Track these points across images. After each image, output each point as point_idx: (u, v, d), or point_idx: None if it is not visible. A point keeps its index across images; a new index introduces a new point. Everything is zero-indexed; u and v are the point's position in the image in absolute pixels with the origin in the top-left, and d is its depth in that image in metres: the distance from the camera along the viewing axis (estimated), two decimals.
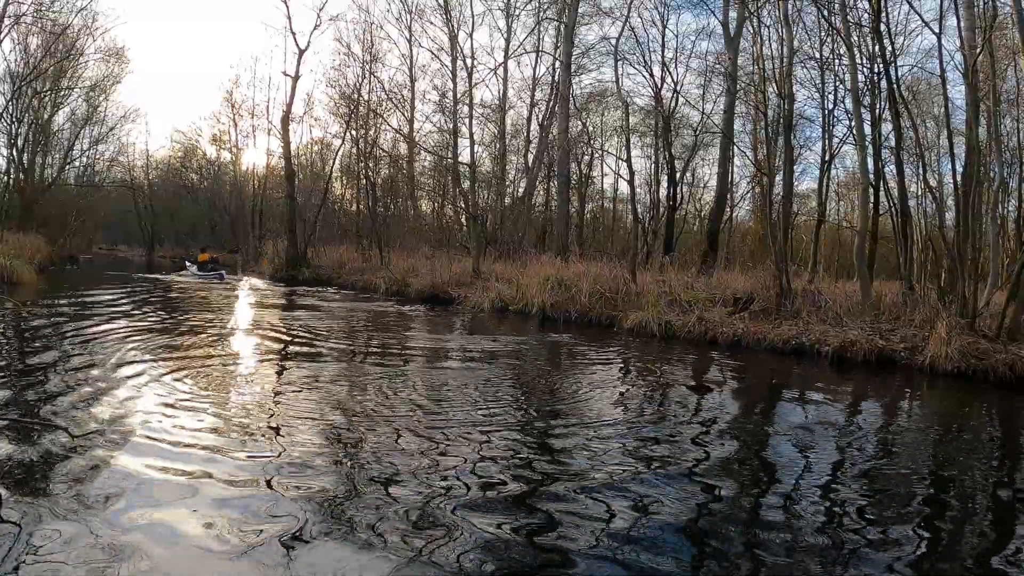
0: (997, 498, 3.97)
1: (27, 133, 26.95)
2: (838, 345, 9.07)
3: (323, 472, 3.81)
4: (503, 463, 4.14)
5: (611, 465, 4.15)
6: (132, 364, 6.52)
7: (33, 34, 24.91)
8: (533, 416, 5.40)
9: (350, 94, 24.95)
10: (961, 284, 9.07)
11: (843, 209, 26.48)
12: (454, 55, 24.47)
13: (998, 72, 13.30)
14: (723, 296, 11.93)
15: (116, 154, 37.12)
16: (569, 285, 13.67)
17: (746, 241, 24.16)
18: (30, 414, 4.57)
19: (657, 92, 20.40)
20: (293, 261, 23.65)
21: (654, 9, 20.95)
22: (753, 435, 5.22)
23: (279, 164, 30.30)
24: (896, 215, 12.23)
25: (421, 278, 17.61)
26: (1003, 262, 13.89)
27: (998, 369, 7.65)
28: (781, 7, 15.34)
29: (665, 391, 7.06)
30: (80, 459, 3.72)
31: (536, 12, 24.12)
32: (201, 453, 3.99)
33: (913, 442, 5.36)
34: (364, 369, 7.35)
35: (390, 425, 4.88)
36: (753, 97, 19.28)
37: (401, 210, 27.98)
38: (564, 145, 21.72)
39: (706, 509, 3.55)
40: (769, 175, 13.87)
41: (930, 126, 19.22)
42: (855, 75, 12.67)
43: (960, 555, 3.18)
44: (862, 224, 12.96)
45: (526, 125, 26.65)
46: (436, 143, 28.13)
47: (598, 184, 31.13)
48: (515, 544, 3.01)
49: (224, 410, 5.03)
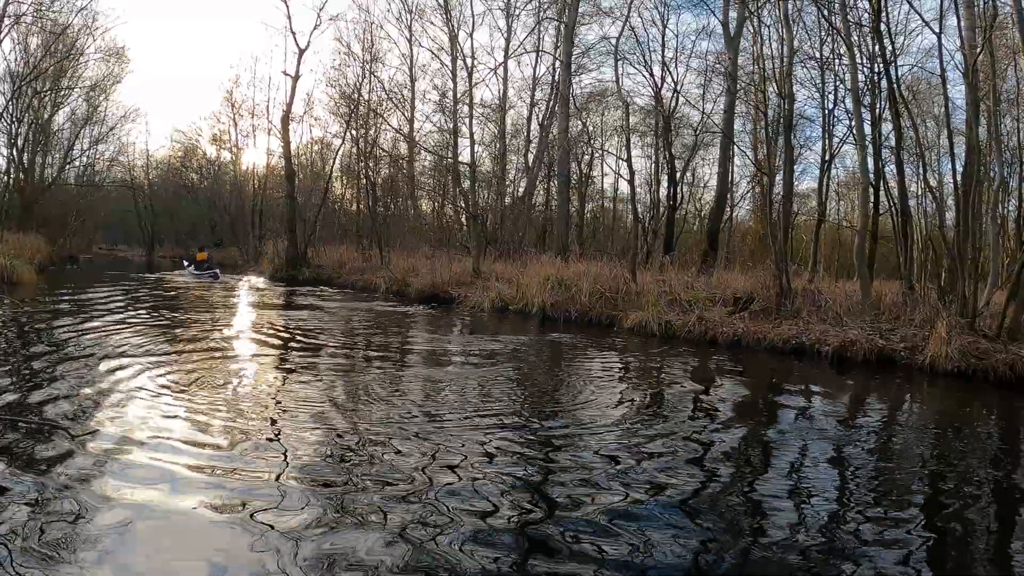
0: (997, 498, 3.97)
1: (27, 133, 26.95)
2: (838, 345, 9.06)
3: (323, 472, 3.81)
4: (502, 463, 4.13)
5: (611, 466, 4.15)
6: (131, 365, 6.52)
7: (33, 34, 24.95)
8: (532, 416, 5.39)
9: (350, 94, 24.94)
10: (961, 284, 9.07)
11: (843, 209, 26.48)
12: (454, 55, 24.48)
13: (998, 72, 13.30)
14: (723, 296, 11.93)
15: (116, 154, 37.21)
16: (569, 285, 13.67)
17: (746, 241, 24.15)
18: (30, 413, 4.57)
19: (657, 92, 20.39)
20: (293, 261, 23.64)
21: (654, 9, 20.94)
22: (753, 435, 5.22)
23: (279, 164, 30.31)
24: (896, 215, 12.23)
25: (421, 278, 17.61)
26: (1003, 262, 13.89)
27: (998, 369, 7.65)
28: (781, 7, 15.34)
29: (665, 391, 7.06)
30: (80, 459, 3.72)
31: (536, 12, 24.13)
32: (200, 453, 3.99)
33: (913, 442, 5.36)
34: (364, 370, 7.35)
35: (389, 425, 4.87)
36: (753, 97, 19.28)
37: (401, 210, 27.97)
38: (564, 145, 21.72)
39: (706, 508, 3.55)
40: (769, 175, 13.88)
41: (930, 126, 19.21)
42: (855, 75, 12.67)
43: (960, 555, 3.18)
44: (862, 224, 12.95)
45: (526, 125, 26.68)
46: (436, 143, 28.14)
47: (598, 184, 31.13)
48: (514, 544, 3.01)
49: (223, 410, 5.03)
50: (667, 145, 20.30)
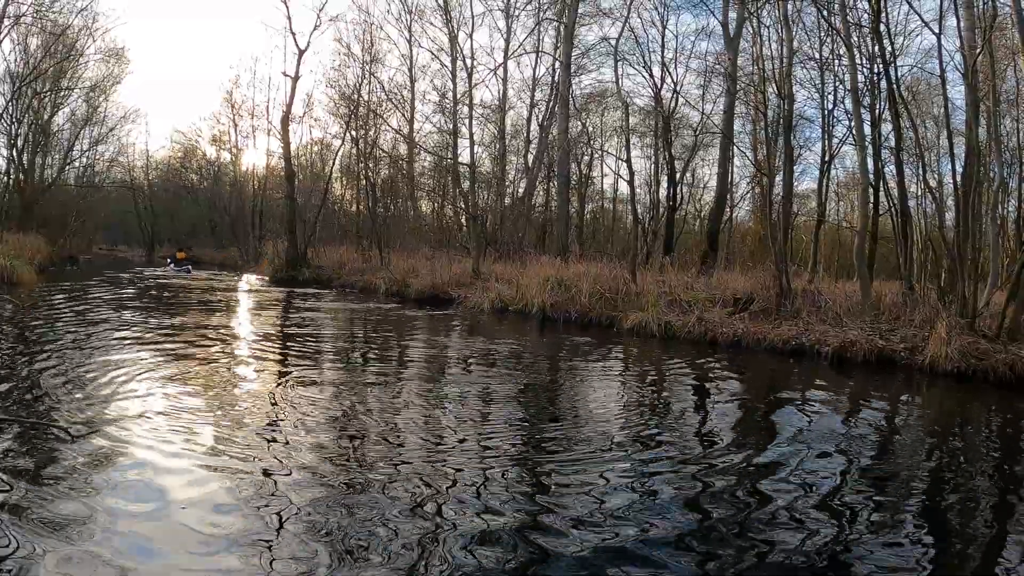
0: (997, 498, 3.97)
1: (27, 133, 26.95)
2: (838, 345, 9.06)
3: (322, 473, 3.81)
4: (502, 463, 4.13)
5: (611, 466, 4.15)
6: (132, 365, 6.51)
7: (33, 34, 24.91)
8: (532, 417, 5.39)
9: (350, 94, 24.95)
10: (961, 284, 9.07)
11: (843, 209, 26.45)
12: (454, 55, 24.48)
13: (998, 72, 13.30)
14: (723, 296, 11.92)
15: (116, 154, 37.19)
16: (569, 285, 13.66)
17: (746, 241, 24.14)
18: (29, 413, 4.57)
19: (657, 92, 20.40)
20: (293, 262, 23.63)
21: (654, 9, 20.93)
22: (753, 436, 5.22)
23: (279, 164, 30.31)
24: (896, 215, 12.23)
25: (421, 279, 17.60)
26: (1003, 262, 13.87)
27: (998, 369, 7.65)
28: (781, 7, 15.35)
29: (665, 392, 7.05)
30: (80, 459, 3.72)
31: (536, 12, 24.15)
32: (200, 453, 3.99)
33: (913, 442, 5.36)
34: (363, 370, 7.35)
35: (389, 425, 4.87)
36: (753, 97, 19.26)
37: (401, 210, 27.96)
38: (564, 145, 21.72)
39: (706, 508, 3.55)
40: (769, 175, 13.88)
41: (930, 126, 19.20)
42: (855, 75, 12.67)
43: (960, 555, 3.18)
44: (862, 224, 12.95)
45: (526, 125, 26.68)
46: (436, 143, 28.13)
47: (598, 184, 31.12)
48: (515, 544, 3.01)
49: (222, 410, 5.03)
50: (667, 146, 20.30)
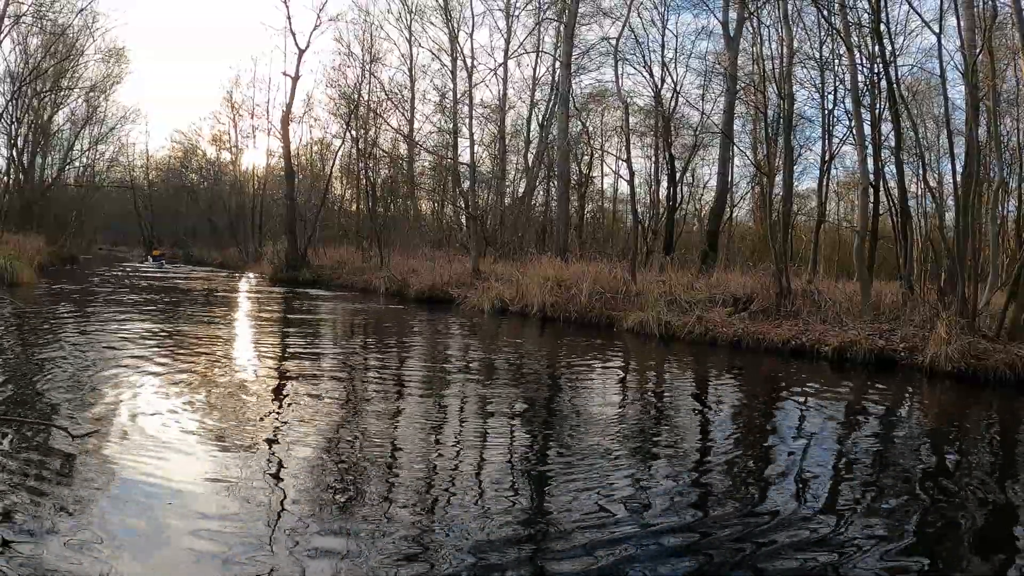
0: (997, 498, 3.97)
1: (27, 133, 26.95)
2: (838, 345, 9.06)
3: (321, 474, 3.81)
4: (501, 464, 4.13)
5: (610, 466, 4.15)
6: (131, 366, 6.51)
7: (33, 34, 24.93)
8: (532, 417, 5.39)
9: (350, 94, 24.93)
10: (961, 284, 9.06)
11: (843, 209, 26.46)
12: (454, 55, 24.48)
13: (998, 72, 13.28)
14: (723, 296, 11.92)
15: (116, 154, 37.18)
16: (569, 285, 13.67)
17: (746, 241, 24.14)
18: (29, 413, 4.56)
19: (657, 92, 20.38)
20: (293, 261, 23.62)
21: (654, 9, 20.91)
22: (753, 436, 5.21)
23: (279, 164, 30.33)
24: (896, 215, 12.23)
25: (421, 278, 17.60)
26: (1003, 262, 13.86)
27: (998, 369, 7.64)
28: (781, 7, 15.34)
29: (665, 392, 7.05)
30: (80, 459, 3.72)
31: (536, 12, 24.14)
32: (199, 453, 3.99)
33: (913, 442, 5.36)
34: (362, 370, 7.35)
35: (389, 425, 4.87)
36: (753, 97, 19.25)
37: (401, 210, 27.96)
38: (564, 145, 21.71)
39: (706, 508, 3.55)
40: (769, 175, 13.87)
41: (930, 126, 19.19)
42: (855, 75, 12.67)
43: (961, 555, 3.18)
44: (862, 224, 12.95)
45: (526, 125, 26.68)
46: (436, 143, 28.13)
47: (598, 184, 31.08)
48: (513, 543, 3.01)
49: (221, 410, 5.03)
50: (667, 145, 20.28)
